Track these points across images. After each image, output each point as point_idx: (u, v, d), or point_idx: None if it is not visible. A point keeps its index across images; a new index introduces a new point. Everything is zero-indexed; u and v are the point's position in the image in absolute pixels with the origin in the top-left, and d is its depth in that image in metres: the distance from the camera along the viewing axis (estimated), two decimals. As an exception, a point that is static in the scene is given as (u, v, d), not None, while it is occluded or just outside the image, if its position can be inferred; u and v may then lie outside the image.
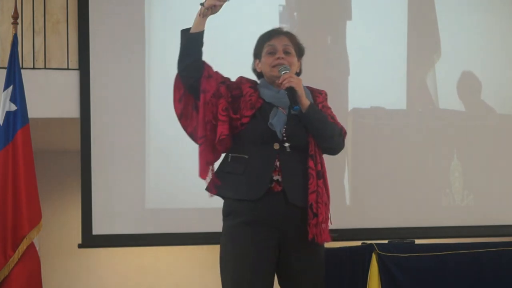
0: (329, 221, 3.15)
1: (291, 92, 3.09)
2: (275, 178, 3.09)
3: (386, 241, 3.53)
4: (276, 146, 3.11)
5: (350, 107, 4.87)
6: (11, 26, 4.39)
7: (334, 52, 4.92)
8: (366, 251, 3.35)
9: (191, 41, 3.16)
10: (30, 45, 4.69)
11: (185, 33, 3.18)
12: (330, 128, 3.18)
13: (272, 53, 3.22)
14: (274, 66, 3.19)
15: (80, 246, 4.58)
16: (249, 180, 3.08)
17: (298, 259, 3.12)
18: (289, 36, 3.28)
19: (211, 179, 3.12)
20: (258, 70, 3.28)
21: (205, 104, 3.10)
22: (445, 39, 5.05)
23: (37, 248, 4.21)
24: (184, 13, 4.74)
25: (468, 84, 5.10)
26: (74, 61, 4.70)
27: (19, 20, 4.48)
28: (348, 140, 4.81)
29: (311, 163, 3.12)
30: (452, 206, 4.94)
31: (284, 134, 3.12)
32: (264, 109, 3.15)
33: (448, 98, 5.04)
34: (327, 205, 3.14)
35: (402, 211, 4.84)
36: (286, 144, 3.11)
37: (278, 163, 3.10)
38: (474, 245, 3.50)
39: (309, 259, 3.13)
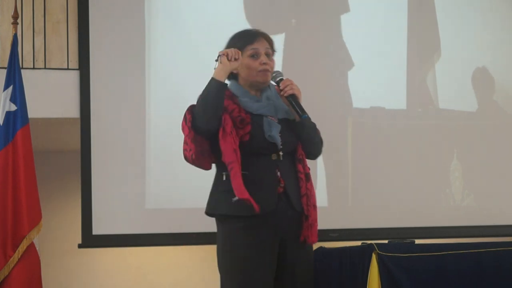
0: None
1: (294, 99, 3.13)
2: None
3: (386, 241, 3.53)
4: (274, 156, 3.14)
5: (350, 107, 4.87)
6: (11, 26, 4.38)
7: (334, 53, 4.92)
8: (366, 251, 3.35)
9: (223, 91, 3.09)
10: (30, 45, 4.69)
11: (219, 82, 3.08)
12: (317, 135, 3.25)
13: (255, 56, 3.20)
14: (260, 71, 3.19)
15: (80, 246, 4.58)
16: (255, 196, 3.04)
17: (292, 259, 3.15)
18: (268, 38, 3.27)
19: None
20: (234, 71, 3.22)
21: (230, 134, 3.06)
22: (445, 39, 5.06)
23: (37, 248, 4.21)
24: (184, 12, 4.79)
25: (480, 82, 5.11)
26: (74, 61, 4.70)
27: (19, 20, 4.48)
28: (348, 140, 4.84)
29: (300, 167, 3.18)
30: (452, 206, 4.94)
31: (281, 143, 3.15)
32: (255, 121, 3.15)
33: (448, 98, 5.04)
34: (315, 206, 3.19)
35: (402, 211, 4.84)
36: (282, 153, 3.15)
37: (279, 173, 3.13)
38: (474, 245, 3.50)
39: (302, 259, 3.18)
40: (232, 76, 3.24)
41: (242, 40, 3.23)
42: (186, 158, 3.20)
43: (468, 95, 5.09)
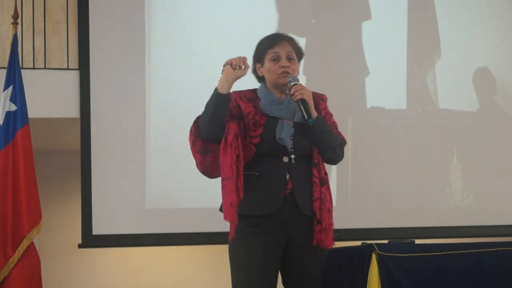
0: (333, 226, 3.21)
1: (303, 103, 3.14)
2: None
3: (386, 241, 3.53)
4: (285, 159, 3.17)
5: (350, 107, 4.87)
6: (11, 26, 4.39)
7: (335, 53, 4.92)
8: (366, 251, 3.35)
9: (223, 104, 3.13)
10: (30, 45, 4.69)
11: (219, 95, 3.12)
12: (333, 140, 3.24)
13: (276, 60, 3.24)
14: (280, 74, 3.22)
15: (80, 246, 4.58)
16: (263, 197, 3.12)
17: (298, 261, 3.19)
18: (291, 41, 3.30)
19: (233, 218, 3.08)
20: (260, 74, 3.30)
21: (230, 146, 3.10)
22: (445, 39, 5.05)
23: (37, 248, 4.21)
24: (184, 12, 4.79)
25: (480, 82, 5.11)
26: (74, 61, 4.70)
27: (19, 20, 4.48)
28: (348, 140, 4.81)
29: (315, 171, 3.20)
30: (452, 206, 4.94)
31: (292, 146, 3.17)
32: (269, 123, 3.18)
33: (448, 98, 5.04)
34: (330, 211, 3.20)
35: (402, 211, 4.84)
36: (293, 156, 3.17)
37: (288, 176, 3.16)
38: (474, 245, 3.50)
39: (309, 262, 3.21)
40: (261, 78, 3.30)
41: (264, 45, 3.27)
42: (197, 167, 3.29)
43: (468, 95, 5.09)
